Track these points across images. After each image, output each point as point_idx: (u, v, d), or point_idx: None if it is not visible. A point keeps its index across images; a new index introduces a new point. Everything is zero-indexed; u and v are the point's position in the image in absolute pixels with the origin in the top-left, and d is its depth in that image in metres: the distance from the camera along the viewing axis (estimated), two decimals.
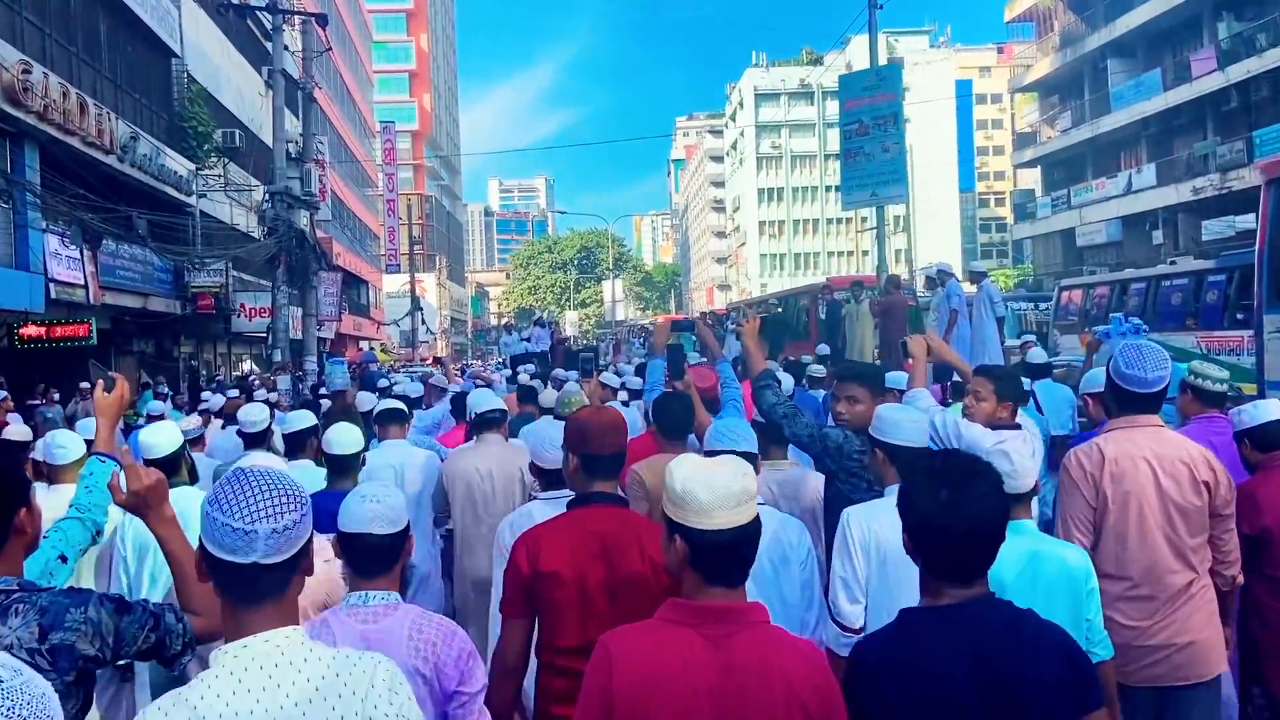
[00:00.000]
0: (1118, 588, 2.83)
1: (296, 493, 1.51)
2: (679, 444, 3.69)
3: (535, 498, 3.12)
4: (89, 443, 4.57)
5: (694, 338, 10.14)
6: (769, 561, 2.68)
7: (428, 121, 78.04)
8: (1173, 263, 20.03)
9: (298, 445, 4.59)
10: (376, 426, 5.10)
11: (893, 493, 2.64)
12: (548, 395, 6.42)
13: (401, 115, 69.71)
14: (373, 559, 2.21)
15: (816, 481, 3.57)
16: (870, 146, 14.24)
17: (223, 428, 7.35)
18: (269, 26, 18.29)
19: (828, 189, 70.80)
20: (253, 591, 1.47)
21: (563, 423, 2.87)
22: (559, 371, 9.99)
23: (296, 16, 18.90)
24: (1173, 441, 2.95)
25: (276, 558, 1.46)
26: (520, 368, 11.07)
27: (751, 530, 1.70)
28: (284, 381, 14.46)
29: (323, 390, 10.84)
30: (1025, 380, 6.10)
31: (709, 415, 4.12)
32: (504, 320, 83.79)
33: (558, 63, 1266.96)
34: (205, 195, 19.83)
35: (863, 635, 1.96)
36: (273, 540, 1.46)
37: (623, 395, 7.03)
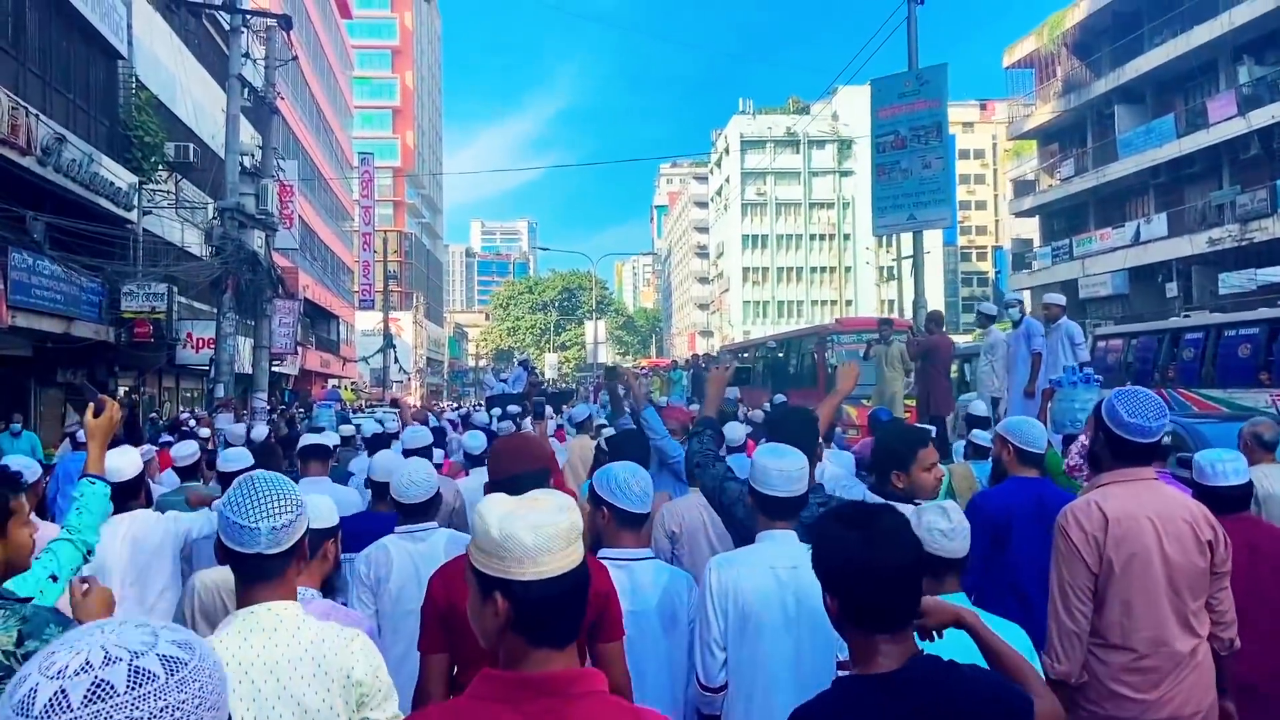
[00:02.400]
0: (1123, 659, 2.63)
1: (292, 497, 1.90)
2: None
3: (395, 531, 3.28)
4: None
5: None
6: (659, 620, 2.71)
7: (410, 158, 77.07)
8: (1186, 316, 18.58)
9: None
10: (298, 462, 5.14)
11: (764, 539, 2.64)
12: None
13: (383, 151, 68.67)
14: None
15: (686, 507, 3.81)
16: (908, 161, 12.22)
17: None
18: (227, 28, 16.60)
19: (813, 237, 70.24)
20: (257, 574, 1.87)
21: (414, 459, 3.42)
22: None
23: (258, 19, 17.14)
24: (1171, 498, 2.75)
25: (275, 549, 1.86)
26: (505, 408, 10.61)
27: (583, 576, 1.43)
28: (225, 420, 12.60)
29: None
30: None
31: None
32: (481, 362, 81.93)
33: (543, 110, 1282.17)
34: (151, 211, 17.89)
35: (802, 704, 1.68)
36: (271, 536, 1.85)
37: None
